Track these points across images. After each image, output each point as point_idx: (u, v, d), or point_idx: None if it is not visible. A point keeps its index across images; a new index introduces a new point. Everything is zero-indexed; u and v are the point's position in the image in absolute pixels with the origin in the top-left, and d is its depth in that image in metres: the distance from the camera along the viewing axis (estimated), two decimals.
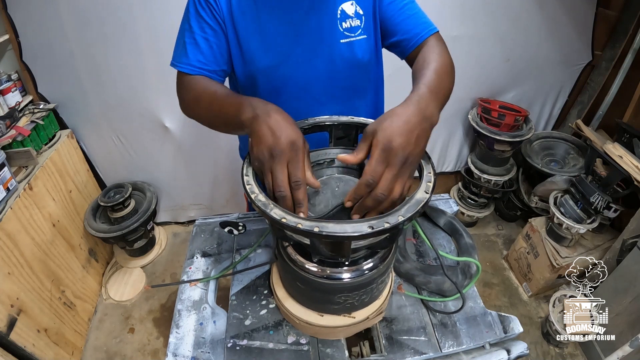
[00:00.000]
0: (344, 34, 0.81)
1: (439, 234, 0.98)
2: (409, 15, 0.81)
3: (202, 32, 0.77)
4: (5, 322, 1.23)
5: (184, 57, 0.76)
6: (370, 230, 0.46)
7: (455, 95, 0.68)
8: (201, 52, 0.76)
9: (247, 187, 0.54)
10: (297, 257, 0.64)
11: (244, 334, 0.73)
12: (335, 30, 0.81)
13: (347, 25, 0.81)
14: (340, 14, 0.80)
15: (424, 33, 0.79)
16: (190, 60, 0.75)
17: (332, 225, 0.47)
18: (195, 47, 0.76)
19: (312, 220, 0.48)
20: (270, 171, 0.52)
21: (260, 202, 0.51)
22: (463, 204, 2.21)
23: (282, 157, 0.52)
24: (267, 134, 0.53)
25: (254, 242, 0.93)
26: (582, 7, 1.78)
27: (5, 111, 1.51)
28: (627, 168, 1.42)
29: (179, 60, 0.77)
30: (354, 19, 0.81)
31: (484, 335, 0.75)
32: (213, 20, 0.77)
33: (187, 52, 0.76)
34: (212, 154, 1.92)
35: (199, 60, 0.76)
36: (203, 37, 0.77)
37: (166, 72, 0.85)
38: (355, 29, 0.82)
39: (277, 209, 0.50)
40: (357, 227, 0.46)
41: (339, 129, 0.72)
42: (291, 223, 0.47)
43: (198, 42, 0.76)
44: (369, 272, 0.63)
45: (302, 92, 0.86)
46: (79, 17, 1.47)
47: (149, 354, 1.67)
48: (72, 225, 1.70)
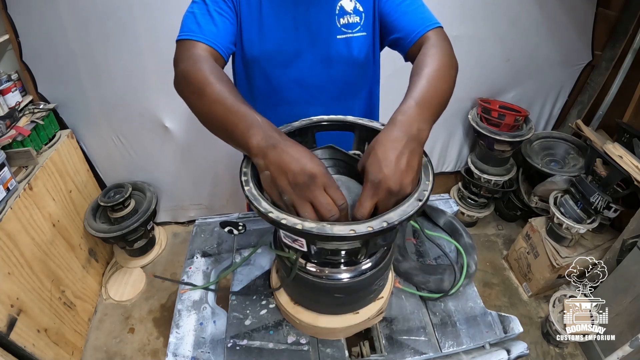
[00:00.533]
0: (341, 30, 0.81)
1: (439, 234, 0.97)
2: (407, 11, 0.78)
3: (216, 7, 0.74)
4: (5, 322, 1.23)
5: (195, 26, 0.70)
6: (369, 231, 0.46)
7: (455, 95, 0.68)
8: (215, 24, 0.72)
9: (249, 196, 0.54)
10: None
11: (244, 334, 0.73)
12: (332, 25, 0.81)
13: (344, 22, 0.80)
14: (339, 9, 0.80)
15: (421, 29, 0.75)
16: (201, 29, 0.70)
17: (337, 226, 0.47)
18: (209, 17, 0.72)
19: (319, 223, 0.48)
20: (309, 199, 0.49)
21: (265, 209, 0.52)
22: (463, 204, 2.21)
23: (318, 183, 0.49)
24: (292, 164, 0.48)
25: (254, 242, 0.93)
26: (582, 7, 1.78)
27: (5, 111, 1.51)
28: (627, 168, 1.42)
29: (186, 29, 0.70)
30: (353, 16, 0.81)
31: (484, 335, 0.75)
32: (226, 1, 0.76)
33: (197, 21, 0.71)
34: (212, 154, 1.92)
35: (211, 30, 0.71)
36: (217, 11, 0.74)
37: (166, 72, 0.85)
38: (354, 25, 0.81)
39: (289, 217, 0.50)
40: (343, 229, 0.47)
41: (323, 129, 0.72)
42: (325, 231, 0.47)
43: (212, 14, 0.72)
44: (368, 273, 0.63)
45: (294, 84, 0.85)
46: (79, 17, 1.47)
47: (149, 354, 1.67)
48: (72, 225, 1.70)
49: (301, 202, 0.49)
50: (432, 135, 0.55)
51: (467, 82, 1.89)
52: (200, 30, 0.70)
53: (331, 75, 0.86)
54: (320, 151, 0.67)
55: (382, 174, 0.49)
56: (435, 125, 0.60)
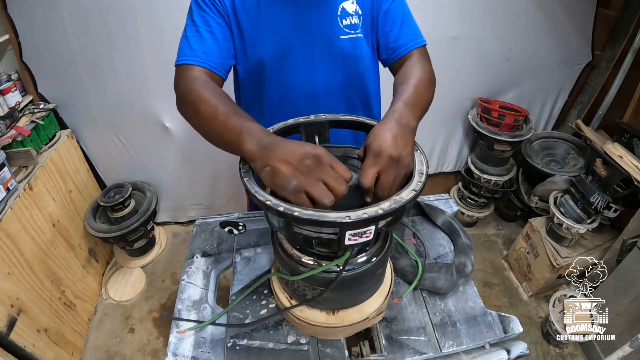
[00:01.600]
0: (344, 30, 0.83)
1: (438, 234, 0.98)
2: (399, 25, 0.84)
3: (206, 26, 0.76)
4: (5, 322, 1.23)
5: (188, 50, 0.75)
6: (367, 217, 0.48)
7: (455, 95, 0.69)
8: (205, 44, 0.75)
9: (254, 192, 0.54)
10: (293, 251, 0.64)
11: (244, 333, 0.73)
12: (335, 26, 0.83)
13: (347, 23, 0.83)
14: (341, 11, 0.82)
15: (409, 45, 0.83)
16: (194, 52, 0.74)
17: (332, 213, 0.48)
18: (200, 39, 0.76)
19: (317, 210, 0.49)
20: (321, 178, 0.50)
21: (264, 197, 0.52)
22: (463, 204, 2.21)
23: (325, 162, 0.51)
24: (296, 151, 0.51)
25: (254, 242, 0.93)
26: (582, 7, 1.79)
27: (5, 111, 1.51)
28: (627, 168, 1.42)
29: (181, 54, 0.75)
30: (354, 17, 0.83)
31: (484, 335, 0.75)
32: (217, 15, 0.77)
33: (190, 45, 0.75)
34: (212, 154, 1.92)
35: (204, 51, 0.75)
36: (207, 31, 0.76)
37: (167, 72, 0.86)
38: (355, 26, 0.84)
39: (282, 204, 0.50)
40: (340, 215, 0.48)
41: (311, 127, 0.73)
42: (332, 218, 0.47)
43: (202, 35, 0.76)
44: (364, 266, 0.63)
45: (302, 85, 0.87)
46: (79, 17, 1.47)
47: (149, 354, 1.67)
48: (72, 225, 1.70)
49: (313, 183, 0.50)
50: (432, 135, 0.57)
51: (467, 82, 1.89)
52: (193, 53, 0.74)
53: (336, 74, 0.88)
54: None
55: (382, 145, 0.55)
56: (435, 125, 0.63)
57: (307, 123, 0.71)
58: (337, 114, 0.73)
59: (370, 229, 0.51)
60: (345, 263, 0.58)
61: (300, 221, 0.49)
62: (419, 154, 0.61)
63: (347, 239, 0.52)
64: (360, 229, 0.51)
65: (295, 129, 0.71)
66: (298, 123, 0.71)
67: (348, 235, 0.51)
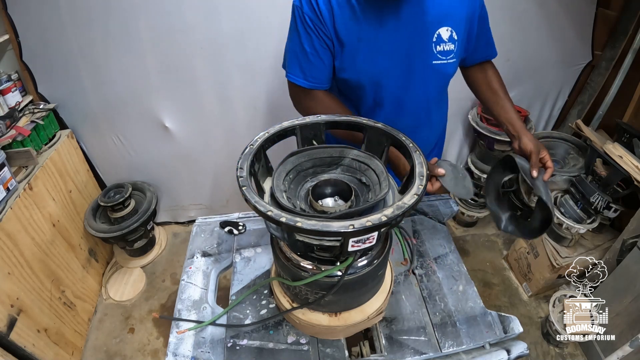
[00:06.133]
0: (437, 56, 0.88)
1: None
2: (484, 32, 0.97)
3: (313, 51, 0.84)
4: (5, 322, 1.23)
5: (298, 70, 0.87)
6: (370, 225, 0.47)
7: (455, 95, 0.69)
8: (313, 68, 0.86)
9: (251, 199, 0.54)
10: (292, 255, 0.64)
11: (244, 333, 0.73)
12: (429, 52, 0.87)
13: (440, 49, 0.88)
14: (437, 37, 0.86)
15: (489, 53, 1.02)
16: (305, 75, 0.87)
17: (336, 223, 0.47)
18: (310, 65, 0.86)
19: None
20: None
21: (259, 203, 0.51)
22: (463, 204, 2.21)
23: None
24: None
25: (254, 242, 0.93)
26: (582, 7, 1.78)
27: (5, 111, 1.51)
28: (627, 168, 1.42)
29: (292, 72, 0.88)
30: (448, 44, 0.88)
31: (484, 335, 0.75)
32: (321, 40, 0.83)
33: (301, 67, 0.87)
34: (212, 154, 1.92)
35: (313, 76, 0.87)
36: (316, 56, 0.85)
37: (167, 72, 0.86)
38: (449, 52, 0.89)
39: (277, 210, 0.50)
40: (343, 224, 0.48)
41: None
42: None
43: (312, 61, 0.86)
44: (363, 270, 0.63)
45: (397, 106, 0.94)
46: (79, 17, 1.47)
47: (149, 354, 1.67)
48: (72, 225, 1.70)
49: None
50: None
51: None
52: (304, 75, 0.88)
53: (427, 95, 0.96)
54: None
55: (539, 145, 0.91)
56: None
57: (303, 125, 0.71)
58: (332, 115, 0.73)
59: (373, 235, 0.51)
60: (347, 268, 0.58)
61: (303, 231, 0.49)
62: (418, 155, 0.61)
63: (351, 246, 0.51)
64: (363, 236, 0.51)
65: (292, 131, 0.71)
66: (294, 125, 0.71)
67: (351, 242, 0.51)
